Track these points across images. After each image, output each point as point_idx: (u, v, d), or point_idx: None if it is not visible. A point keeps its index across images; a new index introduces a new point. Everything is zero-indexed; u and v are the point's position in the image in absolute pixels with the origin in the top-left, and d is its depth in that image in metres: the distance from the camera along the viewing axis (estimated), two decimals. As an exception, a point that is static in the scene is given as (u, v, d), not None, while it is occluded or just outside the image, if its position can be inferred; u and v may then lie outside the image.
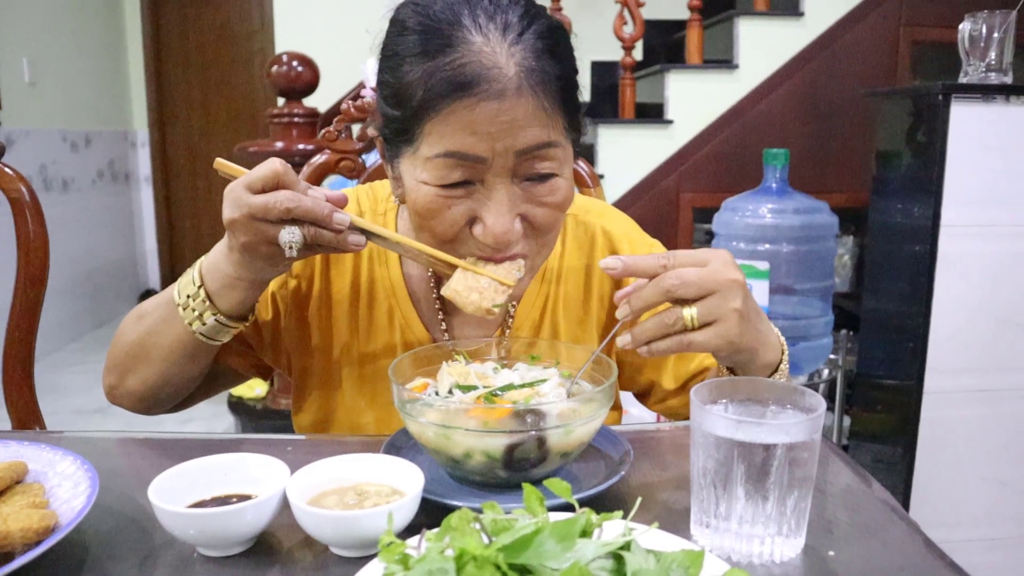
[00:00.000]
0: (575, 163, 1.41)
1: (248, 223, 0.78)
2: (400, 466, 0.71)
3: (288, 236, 0.78)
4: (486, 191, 0.82)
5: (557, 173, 0.84)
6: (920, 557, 0.67)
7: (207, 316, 0.87)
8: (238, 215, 0.78)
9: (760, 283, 2.29)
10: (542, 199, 0.84)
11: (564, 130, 0.84)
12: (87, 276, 5.00)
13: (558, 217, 0.87)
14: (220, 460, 0.72)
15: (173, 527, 0.65)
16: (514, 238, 0.84)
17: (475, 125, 0.78)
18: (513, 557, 0.48)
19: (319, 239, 0.79)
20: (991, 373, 2.08)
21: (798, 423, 0.64)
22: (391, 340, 1.02)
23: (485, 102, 0.78)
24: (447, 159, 0.80)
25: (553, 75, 0.81)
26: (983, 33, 1.89)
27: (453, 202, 0.83)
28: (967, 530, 2.13)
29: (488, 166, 0.81)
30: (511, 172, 0.82)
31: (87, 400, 3.76)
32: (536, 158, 0.82)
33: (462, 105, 0.78)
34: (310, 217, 0.78)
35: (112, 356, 0.98)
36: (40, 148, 4.53)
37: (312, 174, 1.43)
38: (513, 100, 0.78)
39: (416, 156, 0.84)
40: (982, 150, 1.95)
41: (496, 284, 0.83)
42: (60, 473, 0.73)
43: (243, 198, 0.78)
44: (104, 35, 5.34)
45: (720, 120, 3.35)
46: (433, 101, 0.79)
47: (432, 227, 0.85)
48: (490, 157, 0.80)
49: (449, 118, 0.79)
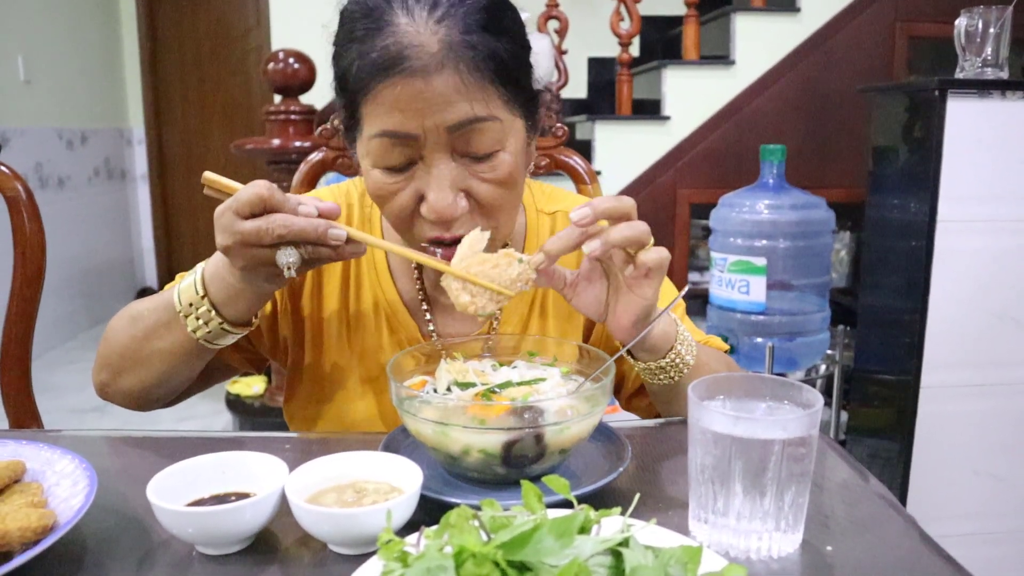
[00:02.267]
0: (570, 158, 1.42)
1: (242, 250, 0.78)
2: (398, 463, 0.71)
3: (285, 258, 0.77)
4: (426, 169, 0.83)
5: (499, 149, 0.84)
6: (917, 552, 0.67)
7: (213, 324, 0.86)
8: (231, 242, 0.78)
9: (757, 279, 2.30)
10: (484, 175, 0.84)
11: (503, 105, 0.83)
12: (83, 274, 4.99)
13: (504, 194, 0.86)
14: (218, 458, 0.72)
15: (172, 526, 0.65)
16: (457, 213, 0.84)
17: (401, 103, 0.80)
18: (512, 554, 0.48)
19: (317, 255, 0.80)
20: (987, 368, 2.08)
21: (796, 419, 0.64)
22: (377, 331, 1.02)
23: (408, 79, 0.79)
24: (382, 139, 0.82)
25: (484, 49, 0.81)
26: (979, 28, 1.89)
27: (399, 185, 0.84)
28: (963, 524, 2.14)
29: (422, 143, 0.81)
30: (449, 148, 0.82)
31: (84, 399, 3.76)
32: (469, 133, 0.82)
33: (387, 84, 0.79)
34: (304, 238, 0.77)
35: (104, 355, 0.97)
36: (35, 146, 4.52)
37: (309, 172, 1.43)
38: (436, 76, 0.79)
39: (361, 141, 0.86)
40: (978, 145, 1.95)
41: (491, 293, 0.82)
42: (58, 472, 0.73)
43: (233, 225, 0.77)
44: (99, 32, 5.33)
45: (717, 116, 3.35)
46: (363, 83, 0.81)
47: (387, 212, 0.87)
48: (421, 134, 0.81)
49: (378, 98, 0.81)
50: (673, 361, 0.87)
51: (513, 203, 0.90)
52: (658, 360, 0.87)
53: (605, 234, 0.77)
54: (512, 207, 0.90)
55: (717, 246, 2.43)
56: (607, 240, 0.77)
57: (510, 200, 0.89)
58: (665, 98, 3.38)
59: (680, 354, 0.88)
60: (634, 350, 0.87)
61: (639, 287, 0.81)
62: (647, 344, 0.86)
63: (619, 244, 0.78)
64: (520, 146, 0.88)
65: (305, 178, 1.43)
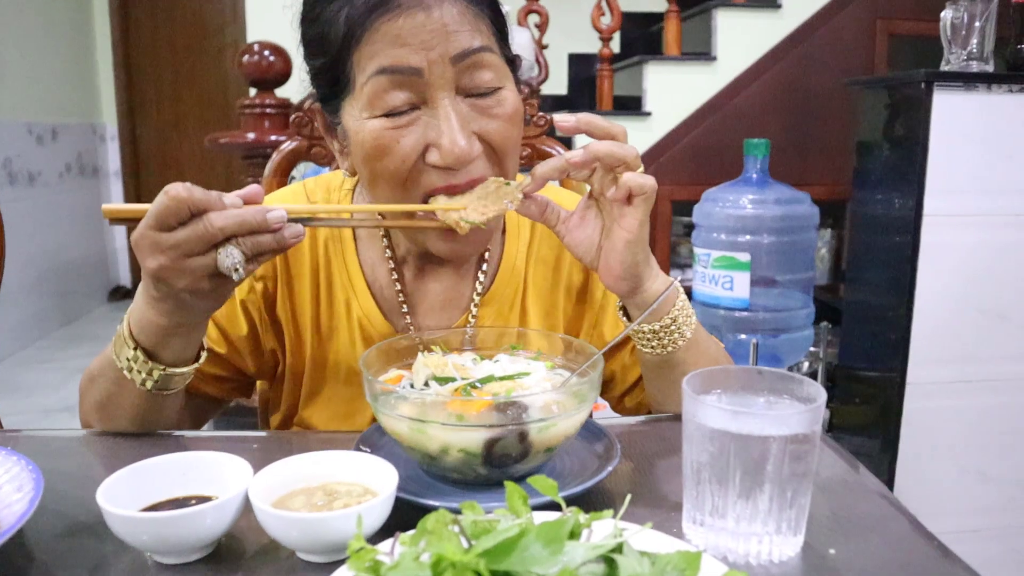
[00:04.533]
0: (553, 148, 1.38)
1: (178, 265, 0.71)
2: (373, 464, 0.66)
3: (229, 260, 0.71)
4: (432, 112, 0.79)
5: (500, 86, 0.82)
6: (924, 554, 0.64)
7: (156, 372, 0.80)
8: (164, 261, 0.71)
9: (741, 275, 2.27)
10: (492, 111, 0.81)
11: (496, 41, 0.82)
12: (55, 273, 4.89)
13: (514, 132, 0.84)
14: (177, 459, 0.67)
15: (125, 533, 0.60)
16: (473, 154, 0.80)
17: (403, 37, 0.76)
18: (496, 563, 0.44)
19: (258, 247, 0.73)
20: (974, 364, 2.07)
21: (797, 414, 0.60)
22: (350, 333, 0.97)
23: (408, 13, 0.76)
24: (381, 77, 0.77)
25: None
26: (965, 21, 1.88)
27: (401, 132, 0.79)
28: (949, 522, 2.12)
29: (426, 80, 0.77)
30: (453, 86, 0.79)
31: (55, 399, 3.67)
32: (474, 66, 0.79)
33: (385, 20, 0.76)
34: (246, 228, 0.71)
35: (84, 414, 0.92)
36: (5, 141, 4.42)
37: (283, 161, 1.38)
38: (436, 8, 0.76)
39: (354, 96, 0.81)
40: (964, 139, 1.94)
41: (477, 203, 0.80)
42: (1, 475, 0.67)
43: (160, 240, 0.70)
44: (71, 24, 5.22)
45: (698, 112, 3.33)
46: (357, 26, 0.77)
47: (385, 167, 0.81)
48: (425, 67, 0.77)
49: (375, 36, 0.77)
50: (668, 327, 0.84)
51: (518, 147, 0.87)
52: (652, 324, 0.84)
53: (590, 145, 0.75)
54: (517, 151, 0.87)
55: (700, 241, 2.40)
56: (590, 149, 0.75)
57: (517, 141, 0.86)
58: (646, 94, 3.35)
59: (676, 321, 0.84)
60: (629, 303, 0.85)
61: (622, 217, 0.78)
62: (639, 298, 0.83)
63: (602, 157, 0.75)
64: (516, 91, 0.85)
65: (278, 168, 1.38)
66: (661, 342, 0.84)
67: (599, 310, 1.02)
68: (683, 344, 0.85)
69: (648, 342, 0.85)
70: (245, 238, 0.72)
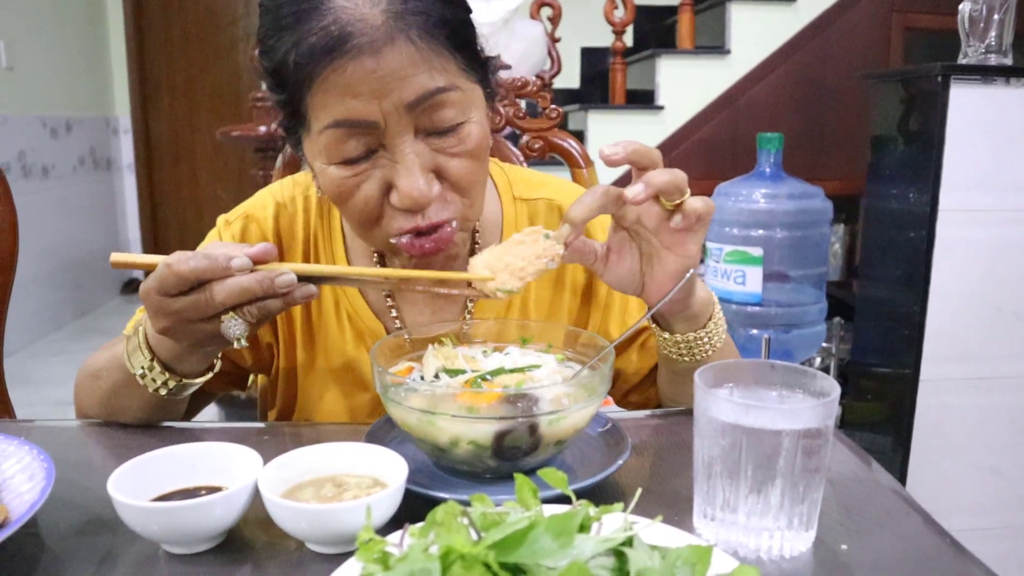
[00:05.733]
0: (565, 140, 1.37)
1: (182, 328, 0.72)
2: (382, 455, 0.66)
3: (233, 331, 0.72)
4: (390, 156, 0.76)
5: (463, 120, 0.77)
6: (937, 550, 0.63)
7: (171, 382, 0.81)
8: (168, 324, 0.72)
9: (754, 269, 2.25)
10: (453, 150, 0.77)
11: (461, 71, 0.77)
12: (68, 265, 4.91)
13: (475, 166, 0.80)
14: (187, 450, 0.67)
15: (135, 523, 0.60)
16: (432, 196, 0.77)
17: (353, 87, 0.72)
18: (505, 555, 0.43)
19: (266, 311, 0.72)
20: (988, 361, 2.05)
21: (811, 408, 0.60)
22: (340, 331, 0.96)
23: (357, 59, 0.71)
24: (336, 130, 0.74)
25: (431, 15, 0.74)
26: (983, 13, 1.85)
27: (361, 178, 0.77)
28: (962, 520, 2.10)
29: (383, 129, 0.74)
30: (411, 128, 0.75)
31: (67, 391, 3.67)
32: (431, 108, 0.74)
33: (334, 69, 0.71)
34: (249, 297, 0.71)
35: (84, 407, 0.92)
36: (19, 134, 4.44)
37: (292, 155, 1.38)
38: (387, 51, 0.71)
39: (311, 137, 0.77)
40: (981, 133, 1.91)
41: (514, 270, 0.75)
42: (14, 465, 0.68)
43: (165, 305, 0.71)
44: (84, 18, 5.23)
45: (712, 106, 3.31)
46: (306, 72, 0.72)
47: (351, 210, 0.79)
48: (380, 120, 0.73)
49: (325, 85, 0.72)
50: (709, 333, 0.82)
51: (484, 176, 0.84)
52: (697, 331, 0.82)
53: (647, 177, 0.71)
54: (483, 181, 0.84)
55: (713, 236, 2.38)
56: (650, 182, 0.70)
57: (482, 173, 0.83)
58: (659, 88, 3.34)
59: (718, 324, 0.83)
60: (673, 319, 0.82)
61: (682, 244, 0.75)
62: (691, 310, 0.80)
63: (662, 189, 0.71)
64: (483, 114, 0.81)
65: (288, 163, 1.38)
66: (702, 349, 0.83)
67: (604, 308, 1.00)
68: (712, 354, 0.84)
69: (685, 351, 0.83)
70: (250, 307, 0.71)
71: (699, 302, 0.81)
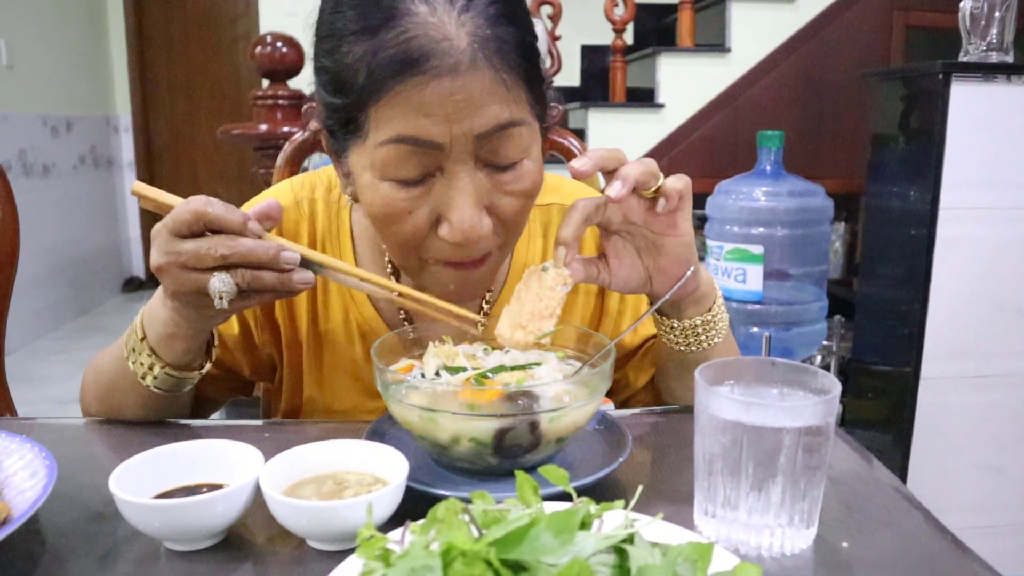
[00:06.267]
0: (565, 139, 1.37)
1: (176, 271, 0.70)
2: (383, 453, 0.66)
3: (219, 285, 0.70)
4: (447, 183, 0.73)
5: (524, 157, 0.75)
6: (938, 547, 0.63)
7: (156, 369, 0.80)
8: (164, 262, 0.70)
9: (754, 267, 2.25)
10: (509, 187, 0.75)
11: (529, 106, 0.75)
12: (69, 263, 4.92)
13: (526, 205, 0.78)
14: (189, 447, 0.67)
15: (137, 520, 0.60)
16: (484, 232, 0.74)
17: (427, 106, 0.69)
18: (506, 552, 0.43)
19: (257, 283, 0.71)
20: (989, 359, 2.05)
21: (811, 405, 0.60)
22: (349, 340, 0.95)
23: (436, 80, 0.68)
24: (399, 146, 0.71)
25: (512, 43, 0.72)
26: (984, 11, 1.85)
27: (414, 203, 0.74)
28: (963, 518, 2.10)
29: (446, 153, 0.71)
30: (473, 158, 0.73)
31: (68, 389, 3.69)
32: (499, 140, 0.72)
33: (411, 85, 0.69)
34: (251, 260, 0.70)
35: (86, 404, 0.92)
36: (19, 133, 4.44)
37: (294, 152, 1.38)
38: (468, 75, 0.69)
39: (365, 148, 0.74)
40: (982, 131, 1.91)
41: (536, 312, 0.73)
42: (16, 462, 0.68)
43: (170, 244, 0.70)
44: (85, 16, 5.23)
45: (712, 104, 3.31)
46: (378, 83, 0.70)
47: (395, 232, 0.76)
48: (447, 143, 0.71)
49: (397, 100, 0.69)
50: (715, 316, 0.83)
51: (527, 217, 0.82)
52: (704, 314, 0.83)
53: (620, 173, 0.72)
54: (525, 223, 0.83)
55: (713, 234, 2.38)
56: (626, 176, 0.71)
57: (529, 210, 0.80)
58: (659, 86, 3.34)
59: (722, 306, 0.84)
60: (684, 304, 0.82)
61: (673, 225, 0.76)
62: (700, 291, 0.81)
63: (638, 179, 0.72)
64: (540, 154, 0.79)
65: (290, 159, 1.38)
66: (708, 334, 0.84)
67: (616, 315, 1.00)
68: (718, 341, 0.84)
69: (691, 338, 0.84)
70: (245, 271, 0.70)
71: (704, 281, 0.82)
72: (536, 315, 0.72)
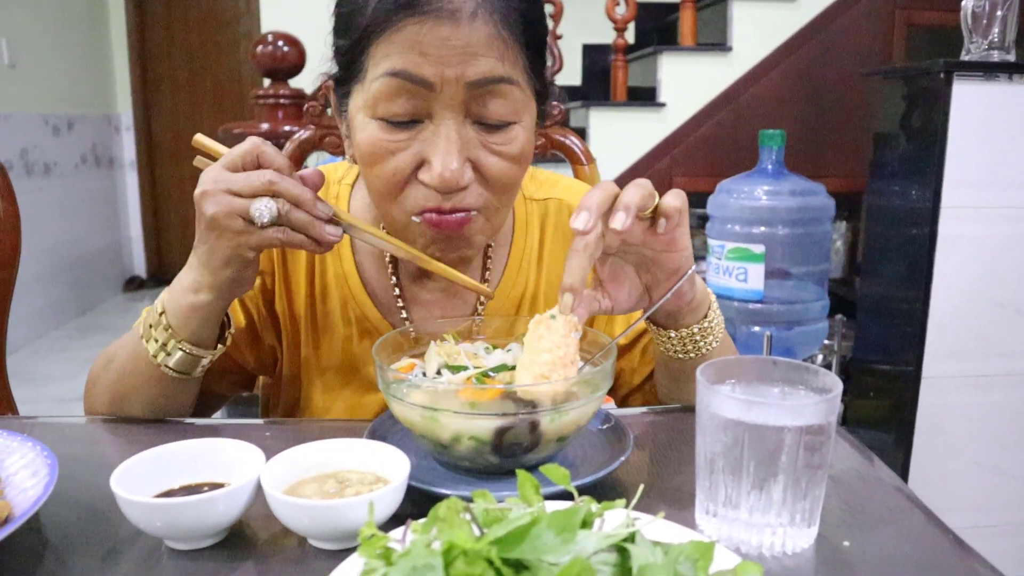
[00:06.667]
0: (567, 138, 1.37)
1: (221, 195, 0.73)
2: (384, 452, 0.66)
3: (262, 206, 0.73)
4: (434, 129, 0.76)
5: (515, 120, 0.77)
6: (940, 547, 0.63)
7: (171, 345, 0.81)
8: (211, 188, 0.73)
9: (756, 266, 2.25)
10: (496, 147, 0.77)
11: (525, 72, 0.77)
12: (70, 263, 4.92)
13: (514, 171, 0.80)
14: (190, 446, 0.67)
15: (138, 518, 0.60)
16: (463, 182, 0.76)
17: (424, 45, 0.72)
18: (507, 551, 0.43)
19: (294, 217, 0.74)
20: (991, 358, 2.04)
21: (813, 404, 0.60)
22: (347, 332, 0.96)
23: (437, 21, 0.72)
24: (391, 79, 0.74)
25: (517, 6, 0.75)
26: (986, 10, 1.85)
27: (399, 145, 0.77)
28: (965, 517, 2.10)
29: (436, 94, 0.74)
30: (463, 109, 0.75)
31: (69, 388, 3.70)
32: (490, 94, 0.75)
33: (411, 23, 0.72)
34: (291, 196, 0.73)
35: (92, 398, 0.92)
36: (21, 132, 4.44)
37: (296, 150, 1.38)
38: (468, 24, 0.72)
39: (363, 87, 0.77)
40: (984, 130, 1.91)
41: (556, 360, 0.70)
42: (17, 460, 0.68)
43: (221, 176, 0.74)
44: (87, 15, 5.24)
45: (713, 103, 3.31)
46: (381, 19, 0.73)
47: (378, 174, 0.79)
48: (438, 83, 0.73)
49: (396, 37, 0.73)
50: (711, 323, 0.83)
51: (517, 187, 0.83)
52: (700, 321, 0.83)
53: (621, 202, 0.70)
54: (515, 191, 0.84)
55: (714, 233, 2.38)
56: (628, 205, 0.69)
57: (516, 182, 0.82)
58: (661, 85, 3.33)
59: (718, 313, 0.84)
60: (680, 313, 0.81)
61: (673, 242, 0.74)
62: (695, 300, 0.81)
63: (640, 205, 0.70)
64: (532, 127, 0.81)
65: (291, 157, 1.38)
66: (706, 340, 0.83)
67: (607, 319, 1.01)
68: (716, 345, 0.84)
69: (687, 346, 0.83)
70: (285, 202, 0.73)
71: (699, 290, 0.82)
72: (558, 364, 0.71)
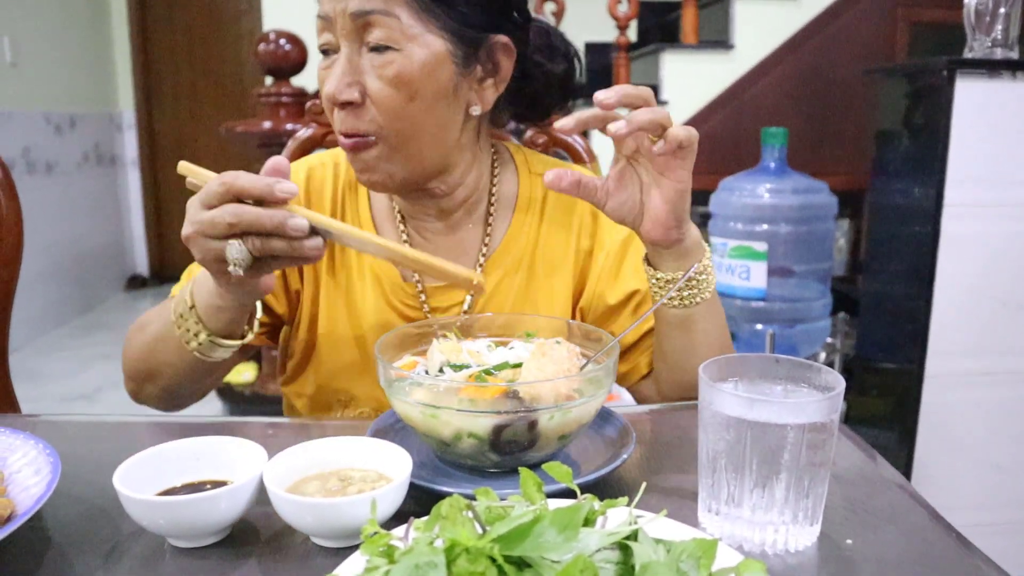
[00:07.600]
0: (568, 135, 1.37)
1: (198, 240, 0.74)
2: (387, 450, 0.66)
3: (232, 253, 0.72)
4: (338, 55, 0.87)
5: (393, 46, 0.85)
6: (941, 544, 0.63)
7: (202, 336, 0.84)
8: (190, 231, 0.74)
9: (758, 264, 2.25)
10: (378, 71, 0.86)
11: (412, 12, 0.85)
12: (73, 261, 4.92)
13: (393, 95, 0.86)
14: (192, 444, 0.67)
15: (141, 516, 0.60)
16: (342, 97, 0.85)
17: None
18: (509, 548, 0.43)
19: (269, 249, 0.73)
20: (994, 356, 2.04)
21: (815, 402, 0.60)
22: (361, 278, 1.00)
23: None
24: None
25: None
26: (989, 7, 1.84)
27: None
28: (968, 516, 2.10)
29: (335, 26, 0.86)
30: (355, 37, 0.85)
31: (71, 386, 3.70)
32: (370, 24, 0.84)
33: None
34: (258, 227, 0.71)
35: (126, 365, 0.96)
36: (23, 130, 4.44)
37: (298, 149, 1.38)
38: None
39: None
40: (987, 127, 1.90)
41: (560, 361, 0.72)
42: (19, 459, 0.68)
43: (195, 215, 0.74)
44: (88, 13, 5.24)
45: (715, 101, 3.30)
46: None
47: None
48: (333, 17, 0.86)
49: None
50: (699, 276, 0.86)
51: (408, 113, 0.87)
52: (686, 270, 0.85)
53: (632, 114, 0.75)
54: (407, 121, 0.88)
55: (717, 231, 2.38)
56: (632, 120, 0.75)
57: (403, 110, 0.87)
58: (663, 83, 3.33)
59: (708, 268, 0.86)
60: (668, 253, 0.85)
61: (672, 169, 0.79)
62: (683, 246, 0.84)
63: (644, 126, 0.75)
64: (428, 61, 0.86)
65: (293, 155, 1.38)
66: (692, 293, 0.86)
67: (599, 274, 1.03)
68: (707, 297, 0.87)
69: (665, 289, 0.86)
70: (255, 238, 0.72)
71: (691, 240, 0.85)
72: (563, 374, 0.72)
